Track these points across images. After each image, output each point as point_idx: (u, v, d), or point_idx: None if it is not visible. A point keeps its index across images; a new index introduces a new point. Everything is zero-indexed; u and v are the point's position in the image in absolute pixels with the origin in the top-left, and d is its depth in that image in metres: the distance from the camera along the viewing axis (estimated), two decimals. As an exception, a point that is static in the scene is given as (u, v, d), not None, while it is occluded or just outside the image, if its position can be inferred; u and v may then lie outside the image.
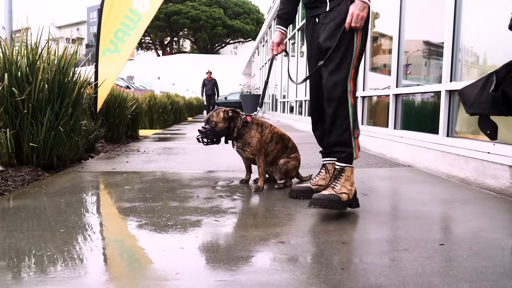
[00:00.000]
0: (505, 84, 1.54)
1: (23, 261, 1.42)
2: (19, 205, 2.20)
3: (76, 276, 1.30)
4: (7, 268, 1.36)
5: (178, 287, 1.24)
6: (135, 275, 1.34)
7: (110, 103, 5.26)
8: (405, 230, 1.81)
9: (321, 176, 2.42)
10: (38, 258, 1.44)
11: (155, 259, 1.47)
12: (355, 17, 2.02)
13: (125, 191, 2.55)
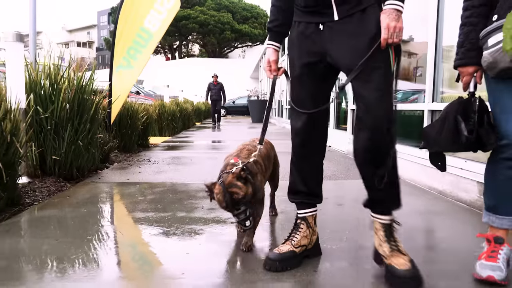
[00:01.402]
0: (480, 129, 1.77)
1: (61, 264, 1.77)
2: (49, 214, 2.57)
3: (101, 275, 1.66)
4: (50, 270, 1.72)
5: (183, 284, 1.58)
6: (148, 274, 1.69)
7: (123, 115, 5.64)
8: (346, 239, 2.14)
9: (302, 234, 1.86)
10: (72, 261, 1.80)
11: (165, 261, 1.82)
12: (392, 30, 1.58)
13: (138, 202, 2.90)
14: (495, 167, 1.67)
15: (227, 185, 1.77)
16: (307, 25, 1.78)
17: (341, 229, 2.32)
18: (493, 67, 1.58)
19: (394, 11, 1.58)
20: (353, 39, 1.66)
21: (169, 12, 5.48)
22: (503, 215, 1.65)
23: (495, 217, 1.67)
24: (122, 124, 5.66)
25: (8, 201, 2.69)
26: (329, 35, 1.71)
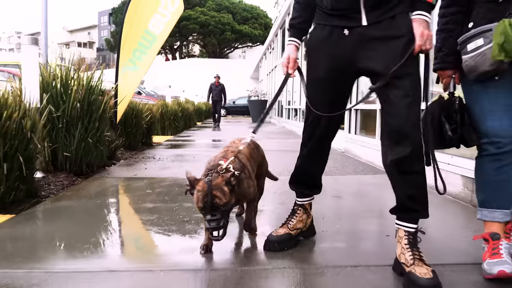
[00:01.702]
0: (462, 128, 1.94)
1: (76, 246, 1.99)
2: (66, 205, 2.78)
3: (120, 253, 1.87)
4: (66, 252, 1.93)
5: (192, 260, 1.80)
6: (160, 253, 1.91)
7: (128, 114, 5.84)
8: (363, 226, 2.36)
9: (298, 218, 2.03)
10: (95, 242, 2.01)
11: (176, 242, 2.04)
12: (426, 37, 1.64)
13: (147, 194, 3.12)
14: (482, 164, 1.82)
15: (213, 186, 1.67)
16: (332, 29, 1.77)
17: (336, 217, 2.53)
18: (474, 71, 1.74)
19: (424, 21, 1.65)
20: (385, 44, 1.67)
21: (172, 15, 5.69)
22: (494, 208, 1.78)
23: (487, 211, 1.80)
24: (127, 123, 5.87)
25: (27, 193, 2.90)
26: (357, 40, 1.71)
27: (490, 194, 1.80)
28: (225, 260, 1.84)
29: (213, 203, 1.66)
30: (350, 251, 1.97)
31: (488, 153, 1.77)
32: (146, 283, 1.61)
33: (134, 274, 1.69)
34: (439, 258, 1.86)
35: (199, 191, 1.69)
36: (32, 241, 2.07)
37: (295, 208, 2.07)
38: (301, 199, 2.06)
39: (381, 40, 1.67)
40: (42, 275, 1.63)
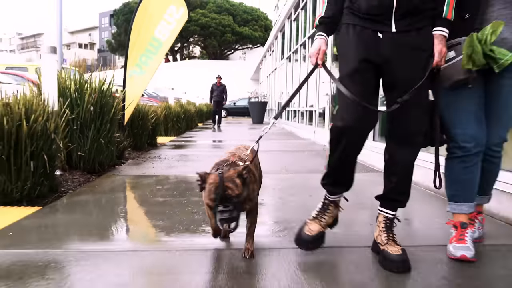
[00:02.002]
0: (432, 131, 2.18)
1: (109, 230, 2.30)
2: (84, 199, 3.10)
3: (140, 237, 2.18)
4: (86, 236, 2.25)
5: (202, 243, 2.11)
6: (174, 237, 2.22)
7: (135, 116, 6.16)
8: (352, 215, 2.67)
9: (329, 214, 2.08)
10: (117, 228, 2.33)
11: (187, 229, 2.35)
12: (443, 55, 1.87)
13: (157, 190, 3.43)
14: (451, 164, 2.09)
15: (225, 178, 1.70)
16: (363, 29, 1.88)
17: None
18: (449, 79, 1.98)
19: (444, 38, 1.85)
20: (414, 53, 1.84)
21: (177, 23, 6.01)
22: (461, 202, 2.07)
23: (455, 205, 2.09)
24: (134, 125, 6.19)
25: (49, 188, 3.22)
26: (390, 44, 1.84)
27: (458, 190, 2.08)
28: (231, 242, 2.15)
29: (225, 194, 1.68)
30: (337, 235, 2.28)
31: (456, 155, 2.04)
32: (165, 260, 1.92)
33: (154, 253, 2.01)
34: (413, 240, 2.18)
35: (211, 184, 1.71)
36: (62, 228, 2.39)
37: (326, 203, 2.08)
38: (333, 196, 2.07)
39: (412, 49, 1.84)
40: (77, 253, 1.95)
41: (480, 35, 1.85)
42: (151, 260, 1.92)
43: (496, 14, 1.90)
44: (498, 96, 1.98)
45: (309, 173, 4.36)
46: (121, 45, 44.33)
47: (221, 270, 1.81)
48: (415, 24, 1.83)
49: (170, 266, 1.86)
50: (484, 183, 2.12)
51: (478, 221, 2.20)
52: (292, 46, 12.39)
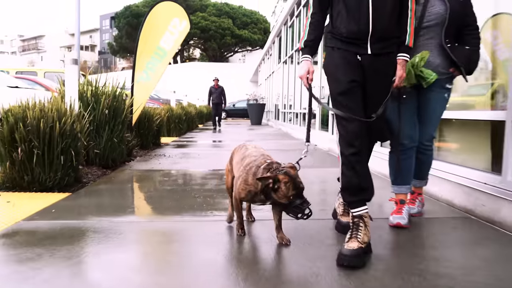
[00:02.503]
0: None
1: (130, 208, 2.92)
2: (105, 188, 3.72)
3: (155, 213, 2.81)
4: (128, 210, 2.87)
5: (204, 215, 2.73)
6: (182, 212, 2.84)
7: (141, 118, 6.78)
8: (330, 197, 3.29)
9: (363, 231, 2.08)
10: (136, 207, 2.95)
11: (191, 207, 2.97)
12: (402, 79, 2.23)
13: (166, 181, 4.06)
14: (392, 157, 2.69)
15: (294, 175, 1.98)
16: (346, 52, 2.17)
17: (316, 194, 3.46)
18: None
19: (404, 62, 2.20)
20: (383, 76, 2.18)
21: (180, 34, 6.64)
22: (400, 185, 2.69)
23: (396, 187, 2.70)
24: (141, 126, 6.81)
25: (74, 179, 3.84)
26: (366, 65, 2.15)
27: (398, 176, 2.70)
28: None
29: (302, 188, 1.99)
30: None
31: (396, 150, 2.67)
32: (176, 225, 2.55)
33: (167, 222, 2.63)
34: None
35: (287, 182, 1.97)
36: (92, 207, 3.01)
37: (355, 221, 2.11)
38: (357, 209, 2.12)
39: (381, 72, 2.17)
40: (108, 223, 2.57)
41: (412, 60, 2.47)
42: (164, 226, 2.55)
43: (423, 43, 2.53)
44: (427, 105, 2.60)
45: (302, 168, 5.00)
46: (122, 48, 45.00)
47: (218, 231, 2.42)
48: (386, 49, 2.16)
49: (179, 229, 2.49)
50: (421, 170, 2.75)
51: (418, 201, 2.83)
52: (288, 51, 13.02)
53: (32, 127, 3.44)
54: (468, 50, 2.53)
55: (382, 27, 2.10)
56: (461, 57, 2.49)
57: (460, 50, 2.53)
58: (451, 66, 2.54)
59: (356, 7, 2.11)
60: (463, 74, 2.53)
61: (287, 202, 1.99)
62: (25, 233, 2.35)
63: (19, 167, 3.49)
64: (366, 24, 2.10)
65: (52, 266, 1.87)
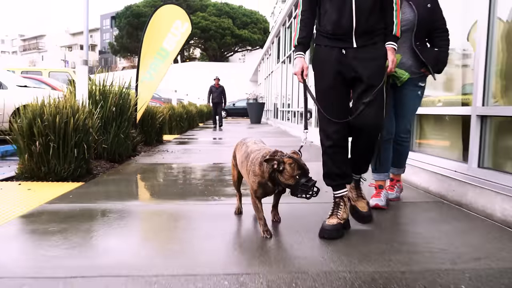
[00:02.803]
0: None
1: (144, 194, 3.27)
2: (115, 178, 4.06)
3: (163, 197, 3.16)
4: (141, 196, 3.21)
5: (205, 199, 3.07)
6: (187, 197, 3.18)
7: (145, 116, 7.12)
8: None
9: (342, 209, 2.41)
10: (145, 194, 3.30)
11: (194, 194, 3.31)
12: (394, 63, 2.37)
13: (170, 172, 4.40)
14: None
15: (299, 157, 2.17)
16: (331, 49, 2.35)
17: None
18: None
19: (394, 50, 2.36)
20: (374, 61, 2.32)
21: (182, 35, 6.98)
22: (379, 172, 3.04)
23: (376, 174, 3.04)
24: (145, 124, 7.15)
25: (86, 170, 4.18)
26: (352, 57, 2.31)
27: (377, 165, 3.03)
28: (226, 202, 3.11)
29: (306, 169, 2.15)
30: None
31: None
32: (181, 207, 2.89)
33: (173, 205, 2.98)
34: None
35: (292, 163, 2.12)
36: (105, 193, 3.35)
37: (337, 201, 2.44)
38: (337, 192, 2.45)
39: (372, 58, 2.31)
40: (121, 206, 2.91)
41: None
42: (171, 208, 2.89)
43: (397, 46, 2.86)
44: (403, 101, 2.93)
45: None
46: (123, 47, 45.34)
47: (217, 212, 2.77)
48: (370, 40, 2.34)
49: (184, 210, 2.84)
50: (399, 160, 3.09)
51: (397, 187, 3.17)
52: (286, 52, 13.36)
53: (48, 122, 3.79)
54: (436, 51, 2.87)
55: (365, 22, 2.29)
56: (430, 58, 2.84)
57: (429, 51, 2.87)
58: (421, 66, 2.88)
59: (340, 5, 2.29)
60: (431, 73, 2.87)
61: (294, 182, 2.11)
62: (50, 213, 2.69)
63: (36, 159, 3.83)
64: (349, 20, 2.28)
65: (77, 236, 2.21)
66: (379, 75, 2.31)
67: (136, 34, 42.31)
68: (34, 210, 2.74)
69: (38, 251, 2.02)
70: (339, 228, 2.30)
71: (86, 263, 1.86)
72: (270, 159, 2.13)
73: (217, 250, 2.06)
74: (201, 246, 2.12)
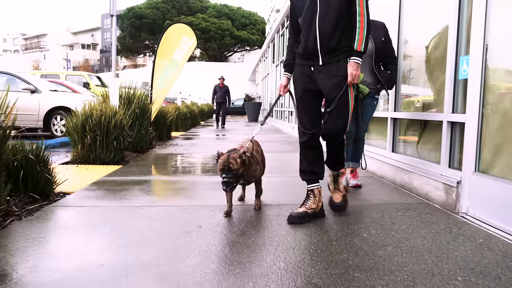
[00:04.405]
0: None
1: (165, 174, 4.69)
2: (142, 163, 5.48)
3: (180, 177, 4.58)
4: (166, 173, 4.64)
5: (215, 182, 4.49)
6: (198, 177, 4.60)
7: (158, 116, 8.53)
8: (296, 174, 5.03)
9: (311, 201, 2.84)
10: (168, 172, 4.73)
11: (203, 173, 4.72)
12: (354, 76, 2.60)
13: (182, 159, 5.82)
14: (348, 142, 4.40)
15: (231, 158, 2.66)
16: (303, 66, 2.78)
17: (284, 171, 5.21)
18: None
19: (355, 64, 2.60)
20: (333, 78, 2.66)
21: (189, 49, 8.39)
22: (347, 161, 4.29)
23: (346, 163, 4.37)
24: (158, 122, 8.56)
25: (121, 158, 5.59)
26: (318, 73, 2.71)
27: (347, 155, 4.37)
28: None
29: (229, 167, 2.64)
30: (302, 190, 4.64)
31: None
32: (194, 179, 4.30)
33: (188, 178, 4.38)
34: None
35: (221, 159, 2.70)
36: (140, 172, 4.75)
37: (308, 193, 2.89)
38: (309, 186, 2.89)
39: (332, 76, 2.67)
40: (153, 179, 4.32)
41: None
42: (187, 180, 4.30)
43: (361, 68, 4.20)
44: (363, 109, 4.22)
45: (277, 152, 6.74)
46: (126, 48, 46.65)
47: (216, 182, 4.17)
48: (334, 58, 2.68)
49: (196, 181, 4.25)
50: (356, 155, 4.43)
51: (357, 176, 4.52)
52: (280, 56, 14.75)
53: (96, 121, 5.21)
54: (389, 74, 3.73)
55: (327, 43, 2.67)
56: (385, 78, 3.71)
57: (384, 73, 3.75)
58: (378, 83, 3.76)
59: (307, 30, 2.71)
60: (385, 89, 3.78)
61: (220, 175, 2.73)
62: (110, 182, 4.11)
63: (87, 148, 5.25)
64: (314, 43, 2.69)
65: (132, 192, 3.63)
66: (336, 89, 2.66)
67: (138, 35, 43.68)
68: (99, 180, 4.16)
69: (116, 195, 3.44)
70: (304, 215, 2.76)
71: (145, 201, 3.27)
72: (218, 153, 2.82)
73: (213, 196, 3.47)
74: (203, 194, 3.53)
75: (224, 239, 2.39)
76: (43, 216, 2.81)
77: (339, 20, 2.65)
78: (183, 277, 1.85)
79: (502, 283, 1.81)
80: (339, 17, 2.64)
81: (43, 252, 2.16)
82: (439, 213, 3.02)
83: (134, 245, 2.27)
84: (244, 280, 1.81)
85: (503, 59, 2.68)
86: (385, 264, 2.01)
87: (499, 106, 2.68)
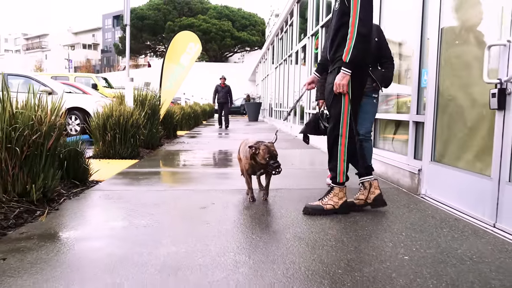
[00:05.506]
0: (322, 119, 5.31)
1: (177, 167, 5.41)
2: (156, 158, 6.20)
3: (192, 168, 5.31)
4: (177, 165, 5.36)
5: (226, 169, 5.20)
6: (209, 168, 5.32)
7: (166, 116, 9.24)
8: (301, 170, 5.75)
9: (360, 192, 3.12)
10: (179, 165, 5.45)
11: (212, 166, 5.43)
12: (337, 86, 2.84)
13: (191, 155, 6.53)
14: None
15: (271, 146, 3.14)
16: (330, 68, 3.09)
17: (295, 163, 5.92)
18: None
19: (341, 74, 2.83)
20: (327, 86, 3.04)
21: (195, 53, 9.12)
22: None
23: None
24: (165, 121, 9.28)
25: (137, 153, 6.30)
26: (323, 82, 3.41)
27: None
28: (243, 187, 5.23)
29: (275, 154, 3.13)
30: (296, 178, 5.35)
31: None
32: (206, 171, 5.01)
33: (198, 169, 5.10)
34: (316, 185, 5.26)
35: (264, 149, 3.13)
36: (156, 165, 5.46)
37: (360, 188, 3.20)
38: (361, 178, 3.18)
39: (326, 84, 3.09)
40: (165, 171, 5.03)
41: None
42: (196, 171, 5.01)
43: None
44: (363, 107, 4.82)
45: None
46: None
47: (221, 173, 4.88)
48: (333, 67, 3.00)
49: (205, 174, 4.96)
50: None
51: None
52: (279, 59, 15.47)
53: (115, 121, 5.92)
54: (383, 71, 3.59)
55: (330, 53, 3.04)
56: (378, 76, 3.55)
57: (378, 71, 3.59)
58: (373, 82, 3.60)
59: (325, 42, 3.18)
60: (379, 86, 3.66)
61: (265, 162, 3.12)
62: (132, 172, 4.82)
63: (107, 144, 5.97)
64: (325, 52, 3.19)
65: (153, 180, 4.34)
66: (328, 95, 3.04)
67: (140, 35, 44.38)
68: (123, 171, 4.87)
69: (140, 182, 4.16)
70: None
71: (165, 187, 3.99)
72: (251, 146, 3.19)
73: (221, 184, 4.19)
74: (212, 181, 4.25)
75: (233, 211, 3.11)
76: (88, 197, 3.53)
77: (337, 32, 2.92)
78: (203, 232, 2.57)
79: (433, 236, 2.53)
80: (338, 28, 2.90)
81: (100, 219, 2.90)
82: (404, 195, 3.74)
83: (164, 213, 3.00)
84: (248, 234, 2.53)
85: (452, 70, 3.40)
86: (351, 227, 2.73)
87: (447, 109, 3.40)
